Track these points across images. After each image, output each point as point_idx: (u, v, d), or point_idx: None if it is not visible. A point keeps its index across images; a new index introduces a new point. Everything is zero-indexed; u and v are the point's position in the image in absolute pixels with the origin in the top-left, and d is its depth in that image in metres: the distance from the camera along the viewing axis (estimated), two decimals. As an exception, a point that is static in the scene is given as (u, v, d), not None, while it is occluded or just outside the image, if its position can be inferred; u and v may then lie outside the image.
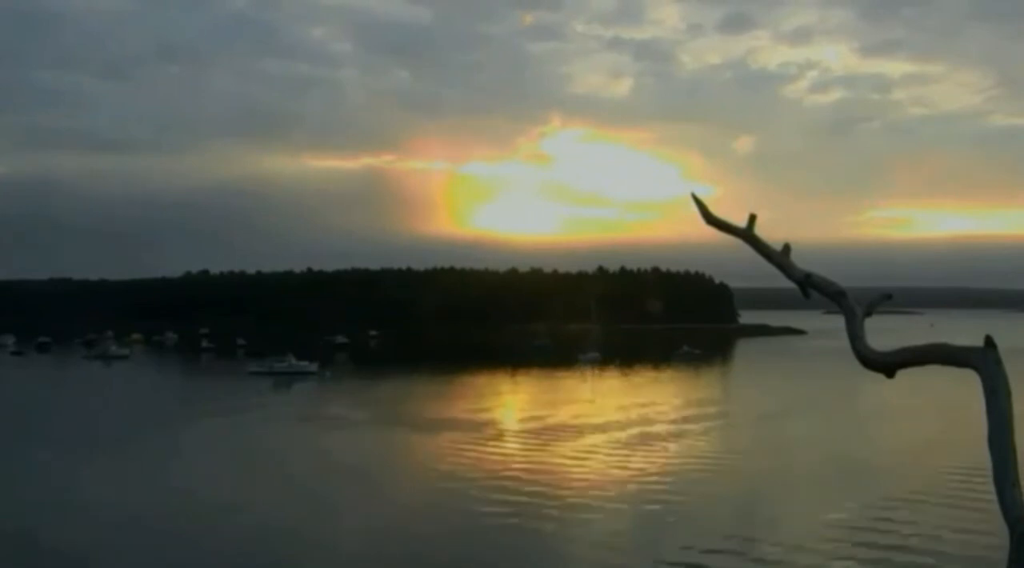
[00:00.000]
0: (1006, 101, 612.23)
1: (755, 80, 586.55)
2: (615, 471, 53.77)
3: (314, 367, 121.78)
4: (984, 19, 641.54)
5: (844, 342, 5.15)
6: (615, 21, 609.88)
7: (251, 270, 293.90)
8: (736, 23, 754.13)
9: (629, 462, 56.31)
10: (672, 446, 63.23)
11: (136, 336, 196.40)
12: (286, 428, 73.49)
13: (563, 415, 79.49)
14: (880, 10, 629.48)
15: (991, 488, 4.10)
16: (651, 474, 52.53)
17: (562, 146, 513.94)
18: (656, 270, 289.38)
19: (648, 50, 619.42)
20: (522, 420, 77.68)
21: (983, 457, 4.20)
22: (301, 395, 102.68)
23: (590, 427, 71.57)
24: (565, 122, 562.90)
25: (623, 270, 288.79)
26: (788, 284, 5.66)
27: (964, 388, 5.26)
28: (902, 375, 5.01)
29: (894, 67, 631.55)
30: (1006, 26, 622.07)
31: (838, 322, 5.34)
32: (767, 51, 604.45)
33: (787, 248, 5.73)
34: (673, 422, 74.84)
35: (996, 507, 4.04)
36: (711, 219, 6.00)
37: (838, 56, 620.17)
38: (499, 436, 68.71)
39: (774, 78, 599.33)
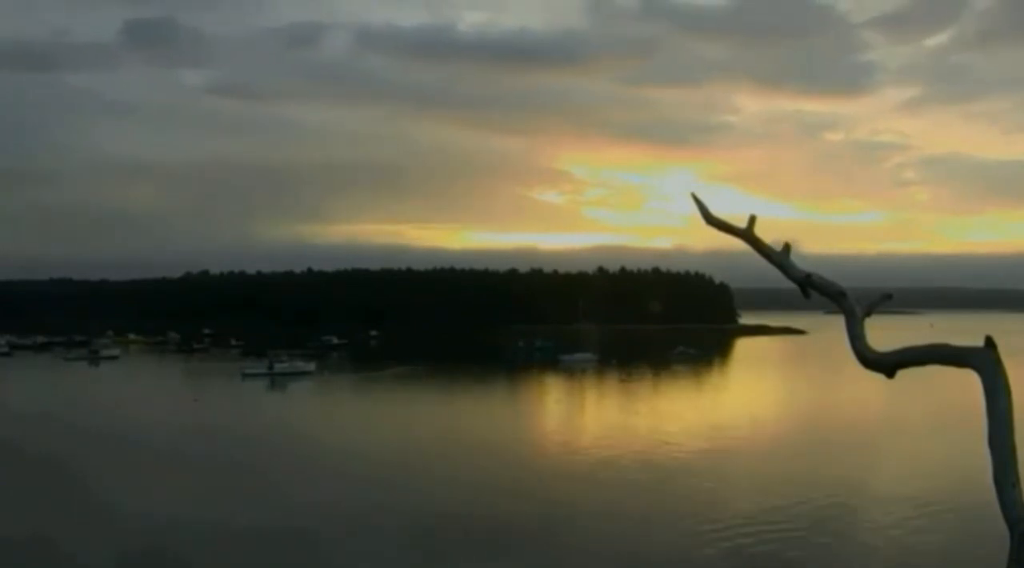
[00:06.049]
0: None
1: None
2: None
3: (311, 367, 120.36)
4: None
5: (844, 341, 5.15)
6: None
7: (251, 270, 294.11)
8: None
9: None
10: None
11: (134, 337, 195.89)
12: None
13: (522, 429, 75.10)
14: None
15: (991, 488, 4.10)
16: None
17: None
18: (656, 270, 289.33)
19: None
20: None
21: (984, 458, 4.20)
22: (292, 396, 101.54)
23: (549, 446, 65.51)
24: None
25: (623, 270, 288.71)
26: (788, 284, 5.66)
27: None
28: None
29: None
30: None
31: (838, 322, 5.35)
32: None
33: (787, 248, 5.72)
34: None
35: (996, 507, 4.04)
36: (711, 219, 5.99)
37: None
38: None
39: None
